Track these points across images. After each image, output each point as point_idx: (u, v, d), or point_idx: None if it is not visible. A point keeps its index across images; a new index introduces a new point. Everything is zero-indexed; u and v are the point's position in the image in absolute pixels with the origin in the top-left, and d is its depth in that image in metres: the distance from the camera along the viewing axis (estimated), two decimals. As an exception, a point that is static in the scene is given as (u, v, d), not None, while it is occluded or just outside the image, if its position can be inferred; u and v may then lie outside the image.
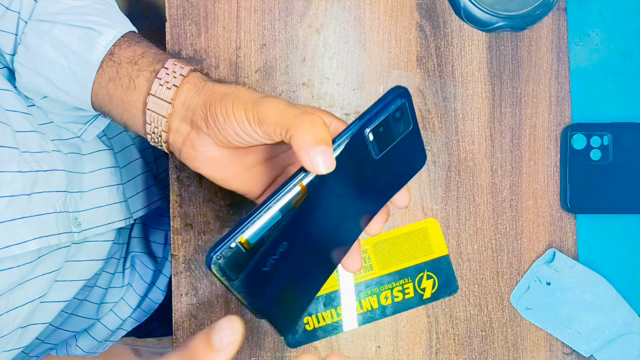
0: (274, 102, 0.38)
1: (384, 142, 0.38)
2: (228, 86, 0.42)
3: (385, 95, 0.37)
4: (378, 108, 0.36)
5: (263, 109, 0.38)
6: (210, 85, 0.43)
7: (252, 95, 0.40)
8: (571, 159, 0.56)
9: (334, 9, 0.56)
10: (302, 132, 0.35)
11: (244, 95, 0.40)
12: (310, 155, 0.34)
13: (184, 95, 0.43)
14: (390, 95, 0.37)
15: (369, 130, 0.36)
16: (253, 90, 0.41)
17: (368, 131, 0.36)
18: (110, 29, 0.48)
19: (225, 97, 0.40)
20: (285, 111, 0.37)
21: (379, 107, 0.36)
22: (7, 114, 0.49)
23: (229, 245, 0.33)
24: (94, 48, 0.47)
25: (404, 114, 0.37)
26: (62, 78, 0.49)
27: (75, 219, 0.57)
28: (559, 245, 0.57)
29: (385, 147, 0.38)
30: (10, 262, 0.48)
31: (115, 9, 0.53)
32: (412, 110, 0.38)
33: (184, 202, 0.56)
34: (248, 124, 0.39)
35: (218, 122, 0.41)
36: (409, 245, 0.56)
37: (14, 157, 0.48)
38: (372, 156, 0.37)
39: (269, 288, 0.35)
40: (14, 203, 0.48)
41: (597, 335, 0.56)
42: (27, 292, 0.52)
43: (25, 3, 0.49)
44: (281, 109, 0.37)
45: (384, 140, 0.37)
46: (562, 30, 0.57)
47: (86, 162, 0.60)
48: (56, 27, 0.48)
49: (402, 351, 0.56)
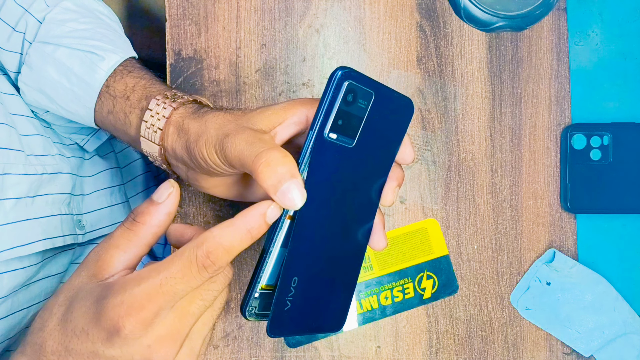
0: (233, 144, 0.37)
1: (351, 129, 0.36)
2: (200, 123, 0.41)
3: (326, 88, 0.35)
4: (325, 105, 0.35)
5: (227, 152, 0.37)
6: (187, 125, 0.42)
7: (218, 134, 0.38)
8: (571, 159, 0.56)
9: (334, 9, 0.56)
10: (263, 177, 0.34)
11: (212, 136, 0.38)
12: (278, 198, 0.33)
13: (170, 138, 0.43)
14: (330, 86, 0.34)
15: (328, 131, 0.35)
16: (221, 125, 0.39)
17: (327, 133, 0.35)
18: (112, 54, 0.49)
19: (198, 139, 0.40)
20: (244, 154, 0.35)
21: (326, 104, 0.35)
22: (13, 118, 0.50)
23: (254, 296, 0.35)
24: (95, 72, 0.48)
25: (356, 92, 0.35)
26: (65, 99, 0.50)
27: (79, 221, 0.57)
28: (559, 245, 0.57)
29: (356, 132, 0.36)
30: (16, 263, 0.49)
31: (117, 34, 0.53)
32: (364, 79, 0.35)
33: (184, 202, 0.56)
34: (223, 165, 0.38)
35: (202, 165, 0.40)
36: (409, 245, 0.56)
37: (19, 160, 0.49)
38: (348, 147, 0.36)
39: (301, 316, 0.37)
40: (20, 205, 0.49)
41: (597, 335, 0.56)
42: (33, 293, 0.52)
43: (30, 24, 0.50)
44: (239, 152, 0.36)
45: (351, 127, 0.36)
46: (562, 30, 0.57)
47: (88, 166, 0.61)
48: (59, 49, 0.49)
49: (402, 351, 0.56)
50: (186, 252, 0.32)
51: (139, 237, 0.35)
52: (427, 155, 0.57)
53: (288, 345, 0.56)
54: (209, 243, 0.32)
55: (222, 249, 0.32)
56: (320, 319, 0.38)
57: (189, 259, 0.32)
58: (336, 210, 0.37)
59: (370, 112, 0.36)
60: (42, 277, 0.53)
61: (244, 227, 0.33)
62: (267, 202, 0.33)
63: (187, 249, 0.32)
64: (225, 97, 0.56)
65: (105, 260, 0.35)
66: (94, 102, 0.49)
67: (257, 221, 0.33)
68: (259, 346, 0.56)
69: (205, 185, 0.44)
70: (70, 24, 0.51)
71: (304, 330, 0.38)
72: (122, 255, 0.35)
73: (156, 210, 0.35)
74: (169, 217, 0.36)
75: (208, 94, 0.56)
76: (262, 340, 0.56)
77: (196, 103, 0.45)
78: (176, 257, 0.33)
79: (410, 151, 0.40)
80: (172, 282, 0.32)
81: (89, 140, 0.59)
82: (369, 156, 0.38)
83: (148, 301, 0.32)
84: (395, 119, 0.39)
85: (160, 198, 0.35)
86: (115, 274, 0.35)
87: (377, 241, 0.41)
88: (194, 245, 0.32)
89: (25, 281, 0.50)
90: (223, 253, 0.32)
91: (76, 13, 0.52)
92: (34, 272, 0.51)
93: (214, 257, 0.32)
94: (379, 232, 0.41)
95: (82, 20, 0.52)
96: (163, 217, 0.35)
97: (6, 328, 0.49)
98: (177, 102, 0.44)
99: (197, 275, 0.32)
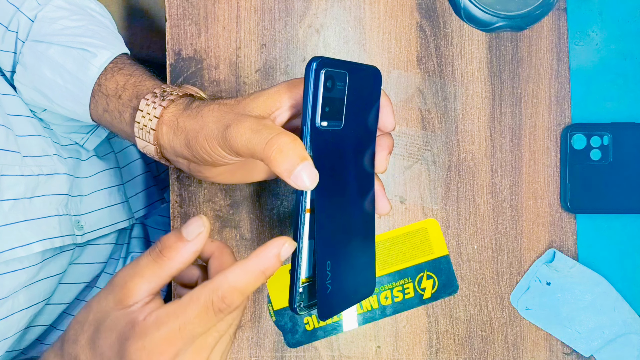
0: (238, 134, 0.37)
1: (337, 112, 0.37)
2: (195, 117, 0.41)
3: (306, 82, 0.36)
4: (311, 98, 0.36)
5: (233, 143, 0.37)
6: (182, 123, 0.42)
7: (218, 127, 0.39)
8: (571, 159, 0.56)
9: (334, 9, 0.56)
10: (276, 163, 0.35)
11: (212, 130, 0.39)
12: (293, 180, 0.34)
13: (165, 137, 0.43)
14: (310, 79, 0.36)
15: (319, 122, 0.36)
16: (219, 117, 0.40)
17: (319, 123, 0.36)
18: (104, 51, 0.49)
19: (197, 135, 0.40)
20: (252, 142, 0.36)
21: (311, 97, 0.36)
22: (9, 119, 0.50)
23: (298, 292, 0.37)
24: (88, 69, 0.48)
25: (333, 77, 0.36)
26: (61, 96, 0.50)
27: (78, 222, 0.57)
28: (559, 245, 0.57)
29: (342, 113, 0.38)
30: (16, 264, 0.49)
31: (109, 30, 0.53)
32: (336, 62, 0.36)
33: (184, 202, 0.56)
34: (229, 155, 0.39)
35: (205, 159, 0.41)
36: (409, 245, 0.56)
37: (16, 161, 0.49)
38: (338, 129, 0.38)
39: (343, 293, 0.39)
40: (17, 206, 0.49)
41: (597, 335, 0.56)
42: (33, 294, 0.52)
43: (23, 23, 0.50)
44: (246, 141, 0.37)
45: (337, 111, 0.37)
46: (562, 30, 0.57)
47: (85, 167, 0.61)
48: (52, 47, 0.49)
49: (402, 351, 0.56)
50: (202, 297, 0.34)
51: (164, 270, 0.36)
52: (427, 155, 0.57)
53: (288, 345, 0.56)
54: (224, 288, 0.34)
55: (237, 293, 0.34)
56: (357, 290, 0.41)
57: (205, 305, 0.34)
58: (344, 189, 0.39)
59: (348, 91, 0.38)
60: (41, 278, 0.53)
61: (258, 269, 0.34)
62: (279, 242, 0.35)
63: (203, 294, 0.34)
64: (225, 97, 0.56)
65: (130, 289, 0.36)
66: (89, 99, 0.49)
67: (272, 262, 0.35)
68: (259, 346, 0.56)
69: (209, 174, 0.44)
70: (62, 21, 0.51)
71: (347, 305, 0.41)
72: (146, 285, 0.36)
73: (184, 248, 0.36)
74: (195, 255, 0.37)
75: (208, 94, 0.56)
76: (262, 340, 0.56)
77: (186, 96, 0.45)
78: (192, 302, 0.34)
79: (390, 119, 0.42)
80: (190, 327, 0.34)
81: (89, 139, 0.59)
82: (357, 131, 0.40)
83: (168, 345, 0.34)
84: (368, 90, 0.41)
85: (189, 235, 0.36)
86: (139, 301, 0.36)
87: (382, 206, 0.43)
88: (210, 290, 0.34)
89: (25, 282, 0.50)
90: (238, 296, 0.34)
91: (68, 11, 0.52)
92: (34, 273, 0.51)
93: (229, 300, 0.34)
94: (382, 198, 0.43)
95: (74, 17, 0.51)
96: (190, 256, 0.37)
97: (6, 328, 0.49)
98: (167, 100, 0.44)
99: (213, 318, 0.34)
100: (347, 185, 0.39)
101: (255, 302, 0.56)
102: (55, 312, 0.60)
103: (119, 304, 0.36)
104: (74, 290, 0.61)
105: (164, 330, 0.34)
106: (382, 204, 0.43)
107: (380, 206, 0.43)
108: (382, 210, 0.43)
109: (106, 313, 0.37)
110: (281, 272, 0.56)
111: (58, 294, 0.58)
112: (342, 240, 0.39)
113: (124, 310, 0.36)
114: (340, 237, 0.39)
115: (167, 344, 0.34)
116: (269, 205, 0.56)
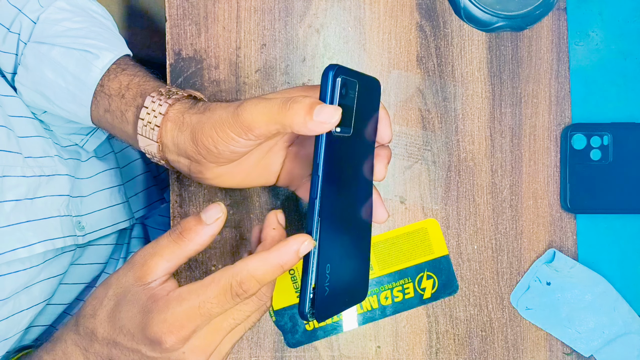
0: (250, 106, 0.39)
1: (348, 119, 0.38)
2: (202, 112, 0.42)
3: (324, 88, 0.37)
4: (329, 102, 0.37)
5: (245, 118, 0.39)
6: (188, 119, 0.43)
7: (226, 110, 0.40)
8: (571, 159, 0.56)
9: (334, 9, 0.56)
10: (294, 112, 0.36)
11: (220, 115, 0.40)
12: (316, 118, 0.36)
13: (169, 134, 0.44)
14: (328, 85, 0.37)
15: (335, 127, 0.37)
16: (224, 104, 0.41)
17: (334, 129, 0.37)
18: (106, 52, 0.49)
19: (204, 126, 0.41)
20: (267, 108, 0.38)
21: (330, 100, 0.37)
22: (10, 120, 0.50)
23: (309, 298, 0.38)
24: (90, 70, 0.48)
25: (347, 85, 0.38)
26: (62, 98, 0.50)
27: (79, 222, 0.57)
28: (559, 245, 0.57)
29: (352, 120, 0.39)
30: (18, 265, 0.49)
31: (111, 32, 0.54)
32: (348, 71, 0.38)
33: (184, 202, 0.56)
34: (239, 137, 0.40)
35: (211, 152, 0.41)
36: (409, 245, 0.56)
37: (17, 162, 0.49)
38: (348, 136, 0.39)
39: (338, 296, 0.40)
40: (19, 207, 0.49)
41: (597, 335, 0.56)
42: (34, 295, 0.52)
43: (25, 24, 0.50)
44: (262, 107, 0.38)
45: (348, 118, 0.38)
46: (562, 30, 0.57)
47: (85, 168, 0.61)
48: (54, 49, 0.49)
49: (402, 351, 0.56)
50: (222, 280, 0.36)
51: (182, 251, 0.39)
52: (427, 155, 0.57)
53: (288, 345, 0.56)
54: (242, 274, 0.36)
55: (254, 281, 0.36)
56: (351, 293, 0.42)
57: (224, 287, 0.36)
58: (347, 195, 0.40)
59: (357, 100, 0.39)
60: (43, 279, 0.53)
61: (278, 262, 0.36)
62: (299, 239, 0.36)
63: (224, 277, 0.36)
64: (225, 97, 0.56)
65: (150, 267, 0.39)
66: (90, 101, 0.49)
67: (291, 257, 0.36)
68: (259, 346, 0.56)
69: (210, 176, 0.44)
70: (64, 23, 0.51)
71: (342, 308, 0.42)
72: (165, 264, 0.39)
73: (203, 230, 0.39)
74: (212, 239, 0.40)
75: (208, 94, 0.56)
76: (262, 340, 0.56)
77: (191, 98, 0.46)
78: (213, 283, 0.37)
79: (388, 131, 0.43)
80: (208, 305, 0.36)
81: (88, 140, 0.59)
82: (361, 139, 0.41)
83: (187, 321, 0.37)
84: (371, 100, 0.42)
85: (209, 220, 0.39)
86: (157, 279, 0.39)
87: (381, 214, 0.44)
88: (230, 274, 0.36)
89: (26, 282, 0.50)
90: (255, 284, 0.36)
91: (70, 12, 0.52)
92: (35, 274, 0.51)
93: (247, 287, 0.36)
94: (380, 206, 0.44)
95: (76, 19, 0.52)
96: (208, 239, 0.39)
97: (7, 329, 0.49)
98: (173, 99, 0.45)
99: (230, 301, 0.37)
100: (349, 191, 0.40)
101: (255, 302, 0.56)
102: (55, 313, 0.60)
103: (139, 280, 0.39)
104: (74, 291, 0.62)
105: (186, 305, 0.36)
106: (380, 212, 0.44)
107: (378, 214, 0.44)
108: (381, 219, 0.44)
109: (126, 289, 0.39)
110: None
111: (59, 294, 0.58)
112: (341, 244, 0.40)
113: (144, 286, 0.39)
114: (340, 241, 0.40)
115: (187, 319, 0.36)
116: (269, 205, 0.56)
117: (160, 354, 0.38)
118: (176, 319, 0.36)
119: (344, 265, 0.40)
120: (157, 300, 0.38)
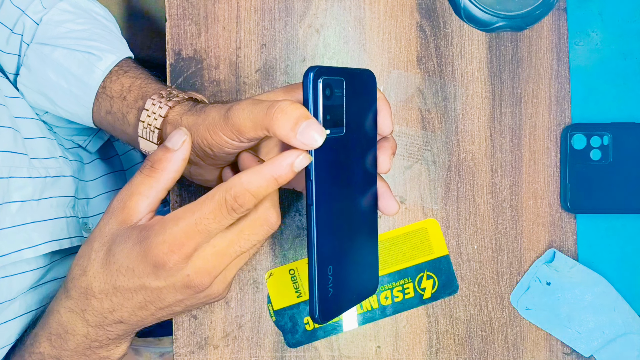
0: (238, 110, 0.38)
1: (338, 118, 0.37)
2: (198, 114, 0.42)
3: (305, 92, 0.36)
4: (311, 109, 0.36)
5: (234, 122, 0.38)
6: (185, 121, 0.43)
7: (219, 113, 0.39)
8: (571, 159, 0.56)
9: (334, 9, 0.56)
10: (279, 124, 0.35)
11: (213, 118, 0.40)
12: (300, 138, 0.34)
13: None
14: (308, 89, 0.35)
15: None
16: (218, 105, 0.41)
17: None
18: (109, 54, 0.49)
19: (199, 128, 0.40)
20: (254, 114, 0.37)
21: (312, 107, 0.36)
22: (16, 121, 0.50)
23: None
24: (93, 72, 0.49)
25: (331, 85, 0.36)
26: (64, 99, 0.50)
27: (85, 224, 0.58)
28: (559, 245, 0.57)
29: (342, 119, 0.38)
30: (24, 265, 0.49)
31: (114, 34, 0.54)
32: (332, 70, 0.36)
33: (184, 202, 0.56)
34: (231, 140, 0.39)
35: (207, 155, 0.41)
36: (409, 245, 0.56)
37: (23, 163, 0.49)
38: (341, 135, 0.38)
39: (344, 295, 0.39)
40: (25, 208, 0.49)
41: (597, 335, 0.56)
42: (41, 295, 0.52)
43: (28, 26, 0.50)
44: (248, 113, 0.37)
45: (337, 118, 0.37)
46: (562, 30, 0.57)
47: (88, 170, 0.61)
48: (57, 50, 0.49)
49: (402, 351, 0.56)
50: (216, 195, 0.35)
51: (159, 182, 0.38)
52: (427, 155, 0.57)
53: (288, 345, 0.56)
54: (237, 189, 0.35)
55: (249, 194, 0.35)
56: (358, 290, 0.42)
57: (219, 202, 0.35)
58: (347, 192, 0.39)
59: (346, 97, 0.38)
60: (50, 280, 0.53)
61: (271, 174, 0.35)
62: (294, 153, 0.35)
63: (218, 193, 0.35)
64: (225, 97, 0.56)
65: (131, 207, 0.38)
66: (92, 102, 0.49)
67: (285, 170, 0.35)
68: (259, 346, 0.56)
69: (210, 177, 0.44)
70: (67, 24, 0.51)
71: (348, 306, 0.41)
72: (145, 201, 0.38)
73: (173, 157, 0.38)
74: (185, 162, 0.38)
75: (208, 94, 0.56)
76: (262, 340, 0.56)
77: (192, 100, 0.46)
78: (208, 199, 0.35)
79: (388, 122, 0.42)
80: (205, 222, 0.35)
81: (91, 141, 0.60)
82: (358, 135, 0.40)
83: (187, 239, 0.36)
84: (365, 93, 0.41)
85: (175, 145, 0.38)
86: (142, 217, 0.38)
87: (391, 206, 0.42)
88: (224, 189, 0.35)
89: (33, 283, 0.50)
90: (250, 197, 0.35)
91: (73, 14, 0.52)
92: (42, 275, 0.51)
93: (242, 200, 0.35)
94: (390, 198, 0.42)
95: (79, 21, 0.52)
96: (180, 163, 0.38)
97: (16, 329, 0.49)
98: (173, 101, 0.45)
99: (227, 216, 0.35)
100: (351, 190, 0.40)
101: (255, 302, 0.56)
102: None
103: (123, 223, 0.38)
104: None
105: (182, 224, 0.36)
106: (390, 204, 0.42)
107: (389, 207, 0.42)
108: (391, 211, 0.43)
109: (113, 235, 0.38)
110: (281, 272, 0.56)
111: None
112: (344, 243, 0.40)
113: (132, 226, 0.38)
114: (343, 240, 0.39)
115: (185, 237, 0.36)
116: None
117: (165, 281, 0.37)
118: (175, 238, 0.35)
119: (349, 263, 0.40)
120: (152, 227, 0.37)
